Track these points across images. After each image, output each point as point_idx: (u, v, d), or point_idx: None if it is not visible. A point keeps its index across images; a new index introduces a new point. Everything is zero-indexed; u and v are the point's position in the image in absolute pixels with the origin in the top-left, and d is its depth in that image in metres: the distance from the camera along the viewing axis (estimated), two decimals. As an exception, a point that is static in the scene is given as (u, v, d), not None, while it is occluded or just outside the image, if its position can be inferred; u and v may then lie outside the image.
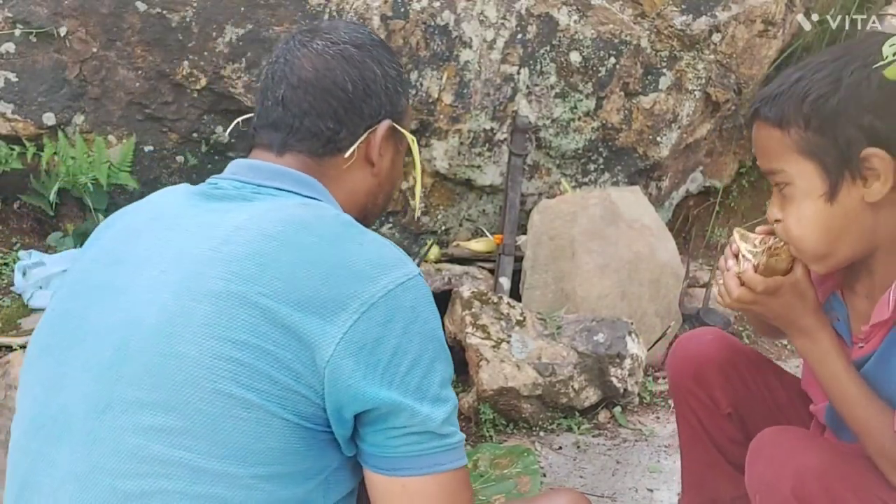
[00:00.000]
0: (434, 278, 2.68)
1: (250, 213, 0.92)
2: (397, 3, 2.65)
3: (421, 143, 2.87)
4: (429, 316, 0.92)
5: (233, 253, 0.87)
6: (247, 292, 0.85)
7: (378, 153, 1.08)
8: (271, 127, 1.04)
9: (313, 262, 0.87)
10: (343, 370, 0.85)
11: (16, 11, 2.46)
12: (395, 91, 1.10)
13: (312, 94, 1.02)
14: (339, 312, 0.85)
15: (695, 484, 1.56)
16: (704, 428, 1.49)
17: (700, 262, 3.41)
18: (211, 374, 0.83)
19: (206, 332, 0.84)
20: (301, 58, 1.04)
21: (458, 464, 0.91)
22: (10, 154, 2.49)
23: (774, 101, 1.12)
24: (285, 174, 1.00)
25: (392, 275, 0.90)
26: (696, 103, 3.14)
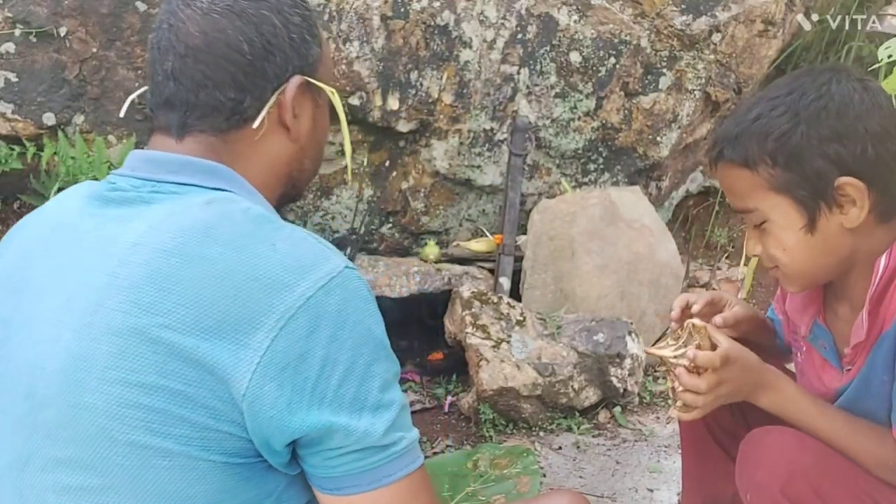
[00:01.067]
0: (434, 278, 2.68)
1: (149, 222, 0.82)
2: (397, 3, 2.65)
3: (421, 144, 2.87)
4: (360, 315, 0.81)
5: (131, 277, 0.79)
6: (148, 326, 0.76)
7: (292, 115, 0.94)
8: (166, 105, 0.91)
9: (219, 279, 0.77)
10: (264, 400, 0.76)
11: (16, 11, 2.46)
12: (303, 40, 0.95)
13: (205, 63, 0.89)
14: (254, 333, 0.76)
15: (695, 481, 1.56)
16: (706, 423, 1.49)
17: (700, 262, 3.41)
18: (122, 426, 0.76)
19: (110, 376, 0.76)
20: (186, 21, 0.89)
21: (409, 469, 0.84)
22: (10, 154, 2.49)
23: (737, 141, 1.13)
24: (186, 164, 0.88)
25: (311, 277, 0.79)
26: (695, 103, 3.14)
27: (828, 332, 1.26)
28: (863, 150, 1.08)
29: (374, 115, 2.71)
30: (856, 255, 1.15)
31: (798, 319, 1.31)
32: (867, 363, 1.17)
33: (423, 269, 2.70)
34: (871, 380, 1.16)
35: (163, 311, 0.76)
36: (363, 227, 2.90)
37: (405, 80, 2.72)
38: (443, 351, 2.68)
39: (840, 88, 1.10)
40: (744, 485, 1.21)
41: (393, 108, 2.73)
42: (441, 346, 2.65)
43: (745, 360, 1.20)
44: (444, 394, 2.53)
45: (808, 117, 1.09)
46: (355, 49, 2.63)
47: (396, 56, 2.69)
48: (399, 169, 2.92)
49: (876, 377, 1.15)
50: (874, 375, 1.16)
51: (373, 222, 2.98)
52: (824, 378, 1.27)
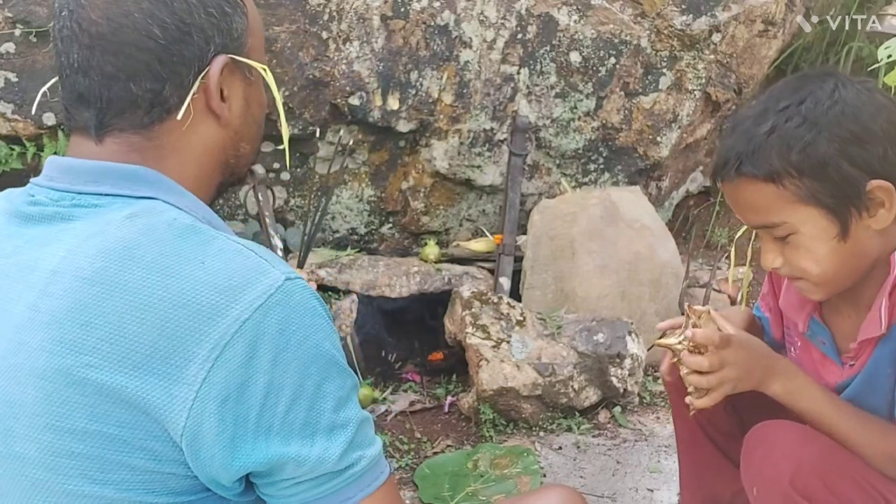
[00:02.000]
0: (434, 278, 2.68)
1: (67, 245, 0.75)
2: (397, 3, 2.65)
3: (421, 143, 2.87)
4: (305, 332, 0.74)
5: (52, 311, 0.72)
6: (73, 366, 0.70)
7: (220, 99, 0.85)
8: (80, 102, 0.82)
9: (144, 309, 0.71)
10: (205, 438, 0.71)
11: (16, 11, 2.46)
12: (223, 13, 0.84)
13: (113, 53, 0.79)
14: (187, 366, 0.70)
15: (693, 481, 1.57)
16: (701, 425, 1.49)
17: (700, 262, 3.41)
18: (57, 476, 0.71)
19: (39, 423, 0.71)
20: (87, 6, 0.80)
21: (370, 490, 0.78)
22: (10, 154, 2.49)
23: (755, 156, 1.10)
24: (106, 172, 0.80)
25: (247, 297, 0.72)
26: (696, 103, 3.14)
27: (826, 329, 1.27)
28: (883, 151, 1.08)
29: (374, 115, 2.71)
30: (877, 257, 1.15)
31: (794, 316, 1.31)
32: (873, 358, 1.17)
33: (423, 269, 2.70)
34: (876, 375, 1.17)
35: (87, 348, 0.71)
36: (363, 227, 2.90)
37: (405, 80, 2.72)
38: (443, 351, 2.68)
39: (848, 93, 1.10)
40: (750, 478, 1.21)
41: (393, 108, 2.73)
42: (441, 346, 2.65)
43: (752, 346, 1.19)
44: (444, 394, 2.53)
45: (828, 125, 1.08)
46: (355, 49, 2.63)
47: (396, 56, 2.69)
48: (399, 169, 2.92)
49: (881, 372, 1.16)
50: (880, 370, 1.16)
51: (373, 222, 2.98)
52: (823, 373, 1.27)
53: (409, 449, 2.25)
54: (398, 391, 2.56)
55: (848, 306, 1.24)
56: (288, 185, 2.83)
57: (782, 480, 1.13)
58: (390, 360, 2.74)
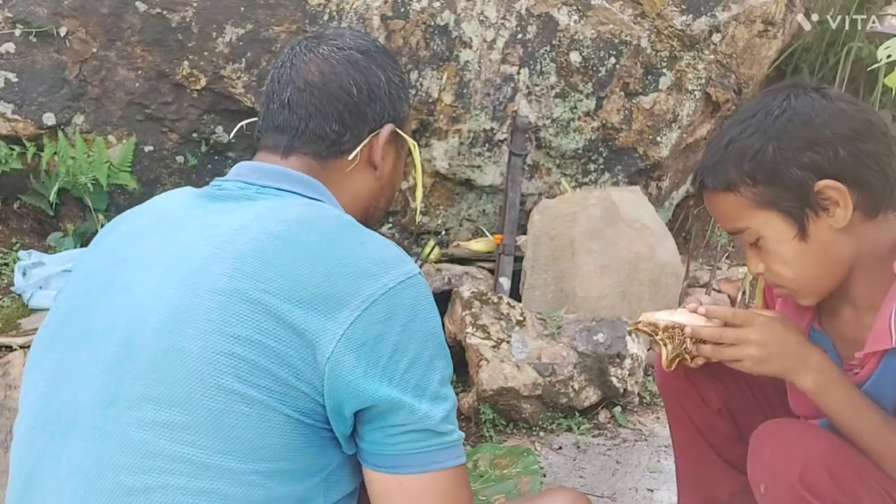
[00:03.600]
0: (434, 278, 2.68)
1: (254, 211, 0.93)
2: (397, 3, 2.65)
3: (421, 144, 2.87)
4: (429, 314, 0.92)
5: (236, 251, 0.88)
6: (249, 289, 0.85)
7: (381, 156, 1.09)
8: (276, 130, 1.05)
9: (315, 260, 0.88)
10: (343, 367, 0.85)
11: (16, 11, 2.46)
12: (398, 97, 1.11)
13: (318, 97, 1.04)
14: (341, 309, 0.86)
15: (691, 483, 1.57)
16: (696, 426, 1.49)
17: (700, 262, 3.41)
18: (213, 370, 0.84)
19: (208, 327, 0.85)
20: (308, 62, 1.06)
21: (457, 462, 0.91)
22: (10, 154, 2.49)
23: (715, 169, 1.19)
24: (289, 176, 1.01)
25: (393, 273, 0.90)
26: (696, 103, 3.14)
27: (826, 337, 1.27)
28: (835, 153, 1.13)
29: (374, 115, 2.70)
30: (854, 258, 1.18)
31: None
32: (880, 369, 1.16)
33: (423, 269, 2.70)
34: (882, 385, 1.16)
35: (265, 279, 0.86)
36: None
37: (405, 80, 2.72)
38: (443, 351, 2.67)
39: (800, 101, 1.16)
40: (757, 474, 1.21)
41: (393, 108, 2.73)
42: (441, 346, 2.65)
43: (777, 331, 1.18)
44: (444, 394, 2.53)
45: (777, 133, 1.14)
46: (355, 49, 2.63)
47: (396, 56, 2.69)
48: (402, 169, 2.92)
49: (889, 382, 1.15)
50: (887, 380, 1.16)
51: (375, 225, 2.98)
52: None
53: (409, 449, 2.25)
54: (398, 391, 2.55)
55: (844, 308, 1.24)
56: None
57: (791, 477, 1.12)
58: (390, 360, 2.74)
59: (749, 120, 1.17)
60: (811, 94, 1.17)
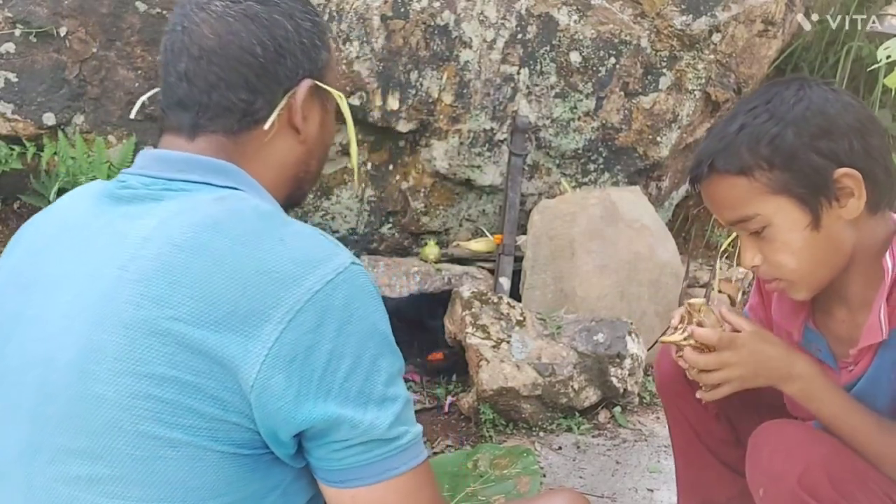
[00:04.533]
0: (434, 278, 2.68)
1: (160, 217, 0.84)
2: (397, 3, 2.65)
3: (421, 144, 2.87)
4: (366, 311, 0.83)
5: (141, 271, 0.80)
6: (157, 318, 0.77)
7: (302, 118, 0.96)
8: (179, 106, 0.93)
9: (228, 272, 0.79)
10: (272, 392, 0.77)
11: (16, 11, 2.46)
12: (313, 45, 0.97)
13: (218, 65, 0.91)
14: (262, 325, 0.77)
15: (690, 486, 1.57)
16: (695, 430, 1.49)
17: (700, 262, 3.41)
18: (132, 416, 0.77)
19: (120, 368, 0.78)
20: (200, 24, 0.91)
21: (413, 464, 0.85)
22: (10, 154, 2.49)
23: (727, 152, 1.14)
24: (197, 163, 0.90)
25: (319, 272, 0.81)
26: (696, 103, 3.14)
27: (820, 336, 1.27)
28: (850, 144, 1.12)
29: (374, 115, 2.71)
30: (852, 252, 1.17)
31: (788, 325, 1.31)
32: (874, 364, 1.17)
33: (423, 269, 2.70)
34: (878, 380, 1.17)
35: (172, 303, 0.78)
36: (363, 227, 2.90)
37: (405, 80, 2.72)
38: (443, 351, 2.68)
39: (814, 91, 1.14)
40: (756, 477, 1.21)
41: (393, 108, 2.73)
42: (441, 346, 2.65)
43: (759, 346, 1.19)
44: (444, 394, 2.53)
45: (794, 119, 1.12)
46: (355, 49, 2.63)
47: (396, 56, 2.69)
48: (399, 169, 2.92)
49: (884, 377, 1.16)
50: (882, 376, 1.16)
51: (373, 222, 2.98)
52: None
53: (409, 449, 2.25)
54: (398, 391, 2.55)
55: (838, 307, 1.24)
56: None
57: (790, 480, 1.12)
58: (390, 359, 2.74)
59: (762, 106, 1.14)
60: (821, 86, 1.16)
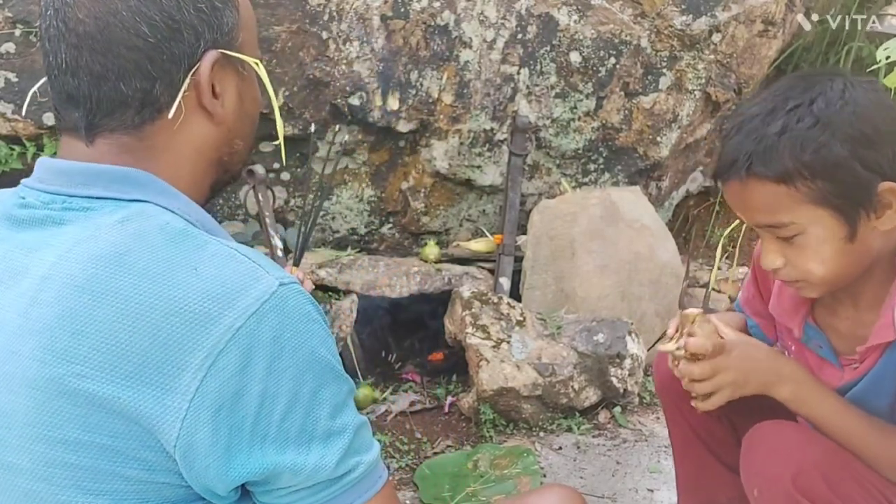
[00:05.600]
0: (434, 278, 2.68)
1: (58, 251, 0.74)
2: (397, 3, 2.65)
3: (421, 144, 2.87)
4: (300, 339, 0.73)
5: (42, 318, 0.71)
6: (64, 375, 0.69)
7: (212, 95, 0.83)
8: (69, 102, 0.80)
9: (135, 317, 0.69)
10: (199, 448, 0.69)
11: (16, 11, 2.46)
12: (213, 9, 0.82)
13: (101, 52, 0.77)
14: (179, 375, 0.68)
15: (690, 487, 1.57)
16: (695, 431, 1.49)
17: (700, 262, 3.41)
18: (50, 486, 0.70)
19: (32, 433, 0.70)
20: (73, 5, 0.78)
21: (367, 496, 0.78)
22: (10, 154, 2.49)
23: (767, 156, 1.09)
24: (99, 174, 0.78)
25: (240, 304, 0.71)
26: (696, 103, 3.14)
27: (821, 332, 1.26)
28: (893, 153, 1.08)
29: (374, 115, 2.71)
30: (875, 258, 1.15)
31: (788, 321, 1.31)
32: (881, 363, 1.16)
33: (423, 269, 2.70)
34: (883, 379, 1.16)
35: (78, 357, 0.69)
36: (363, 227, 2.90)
37: (405, 80, 2.72)
38: (443, 351, 2.68)
39: (858, 93, 1.09)
40: (750, 478, 1.21)
41: (393, 108, 2.73)
42: (441, 346, 2.65)
43: (749, 352, 1.20)
44: (444, 394, 2.53)
45: (840, 126, 1.06)
46: (355, 49, 2.63)
47: (396, 56, 2.69)
48: (399, 169, 2.92)
49: (889, 376, 1.15)
50: (888, 375, 1.16)
51: (373, 222, 2.98)
52: (823, 377, 1.27)
53: (409, 449, 2.25)
54: (398, 391, 2.55)
55: (844, 307, 1.24)
56: (288, 185, 2.83)
57: (784, 481, 1.12)
58: (390, 360, 2.74)
59: (806, 107, 1.07)
60: (864, 85, 1.10)
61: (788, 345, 1.35)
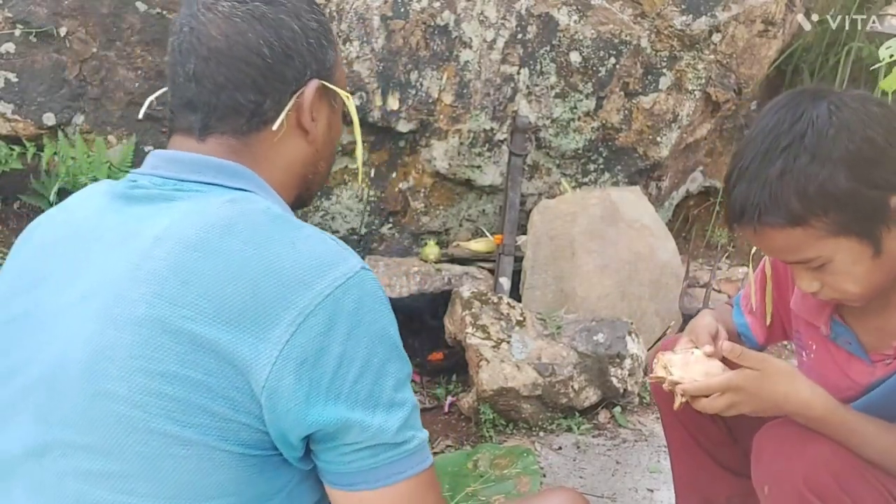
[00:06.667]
0: (434, 278, 2.68)
1: (171, 217, 0.85)
2: (397, 3, 2.65)
3: (421, 144, 2.87)
4: (376, 315, 0.84)
5: (153, 270, 0.81)
6: (170, 317, 0.78)
7: (310, 118, 0.97)
8: (187, 107, 0.93)
9: (240, 273, 0.79)
10: (282, 393, 0.78)
11: (16, 11, 2.46)
12: (320, 45, 0.97)
13: (226, 65, 0.91)
14: (273, 327, 0.78)
15: (688, 487, 1.57)
16: (690, 432, 1.49)
17: (700, 262, 3.41)
18: (143, 413, 0.78)
19: (132, 365, 0.78)
20: (208, 24, 0.92)
21: (419, 468, 0.85)
22: (10, 154, 2.49)
23: (774, 204, 1.07)
24: (208, 164, 0.91)
25: (330, 276, 0.82)
26: (696, 103, 3.14)
27: (849, 329, 1.26)
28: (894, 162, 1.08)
29: (374, 115, 2.71)
30: None
31: (814, 319, 1.30)
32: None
33: (423, 269, 2.70)
34: None
35: (185, 303, 0.78)
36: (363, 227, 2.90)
37: (405, 80, 2.72)
38: (443, 351, 2.67)
39: (846, 114, 1.07)
40: (761, 476, 1.21)
41: (393, 108, 2.73)
42: (441, 346, 2.65)
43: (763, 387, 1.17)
44: (444, 394, 2.53)
45: (840, 156, 1.06)
46: (355, 49, 2.63)
47: (396, 56, 2.69)
48: (399, 169, 2.92)
49: None
50: None
51: (373, 222, 2.98)
52: (851, 374, 1.26)
53: (409, 449, 2.25)
54: (398, 391, 2.55)
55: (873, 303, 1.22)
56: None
57: (795, 479, 1.13)
58: (390, 360, 2.74)
59: (798, 142, 1.06)
60: (848, 102, 1.09)
61: (808, 344, 1.34)
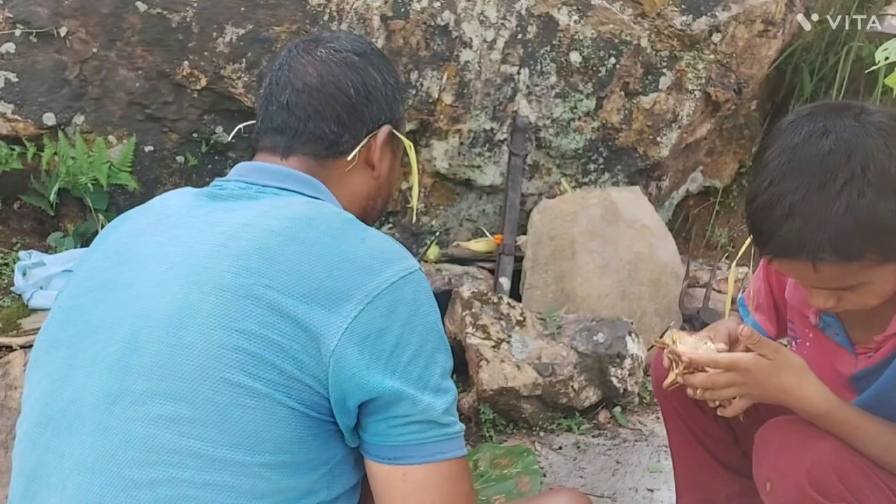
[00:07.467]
0: (434, 278, 2.68)
1: (257, 210, 0.96)
2: (397, 3, 2.65)
3: (421, 144, 2.87)
4: (429, 309, 0.95)
5: (240, 248, 0.91)
6: (253, 285, 0.88)
7: (378, 157, 1.12)
8: (275, 131, 1.08)
9: (318, 256, 0.90)
10: (347, 360, 0.87)
11: (16, 11, 2.46)
12: (394, 98, 1.14)
13: (317, 99, 1.07)
14: (344, 304, 0.88)
15: (689, 486, 1.57)
16: (692, 431, 1.50)
17: (700, 262, 3.41)
18: (219, 364, 0.86)
19: (213, 322, 0.87)
20: (305, 64, 1.09)
21: (459, 453, 0.93)
22: (10, 154, 2.49)
23: (838, 243, 1.06)
24: (289, 175, 1.04)
25: (394, 268, 0.93)
26: (696, 103, 3.15)
27: (837, 320, 1.27)
28: None
29: (374, 115, 2.71)
30: None
31: (805, 308, 1.32)
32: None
33: (424, 268, 2.70)
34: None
35: (267, 275, 0.88)
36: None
37: (405, 80, 2.72)
38: (443, 351, 2.67)
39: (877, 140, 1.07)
40: (763, 473, 1.22)
41: (393, 108, 2.73)
42: (441, 346, 2.65)
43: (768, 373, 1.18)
44: (444, 394, 2.53)
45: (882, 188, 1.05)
46: (355, 49, 2.63)
47: (396, 56, 2.69)
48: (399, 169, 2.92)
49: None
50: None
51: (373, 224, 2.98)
52: (837, 365, 1.28)
53: (410, 449, 2.25)
54: (398, 391, 2.55)
55: None
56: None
57: (798, 474, 1.13)
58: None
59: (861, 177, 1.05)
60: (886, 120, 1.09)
61: (804, 332, 1.36)
